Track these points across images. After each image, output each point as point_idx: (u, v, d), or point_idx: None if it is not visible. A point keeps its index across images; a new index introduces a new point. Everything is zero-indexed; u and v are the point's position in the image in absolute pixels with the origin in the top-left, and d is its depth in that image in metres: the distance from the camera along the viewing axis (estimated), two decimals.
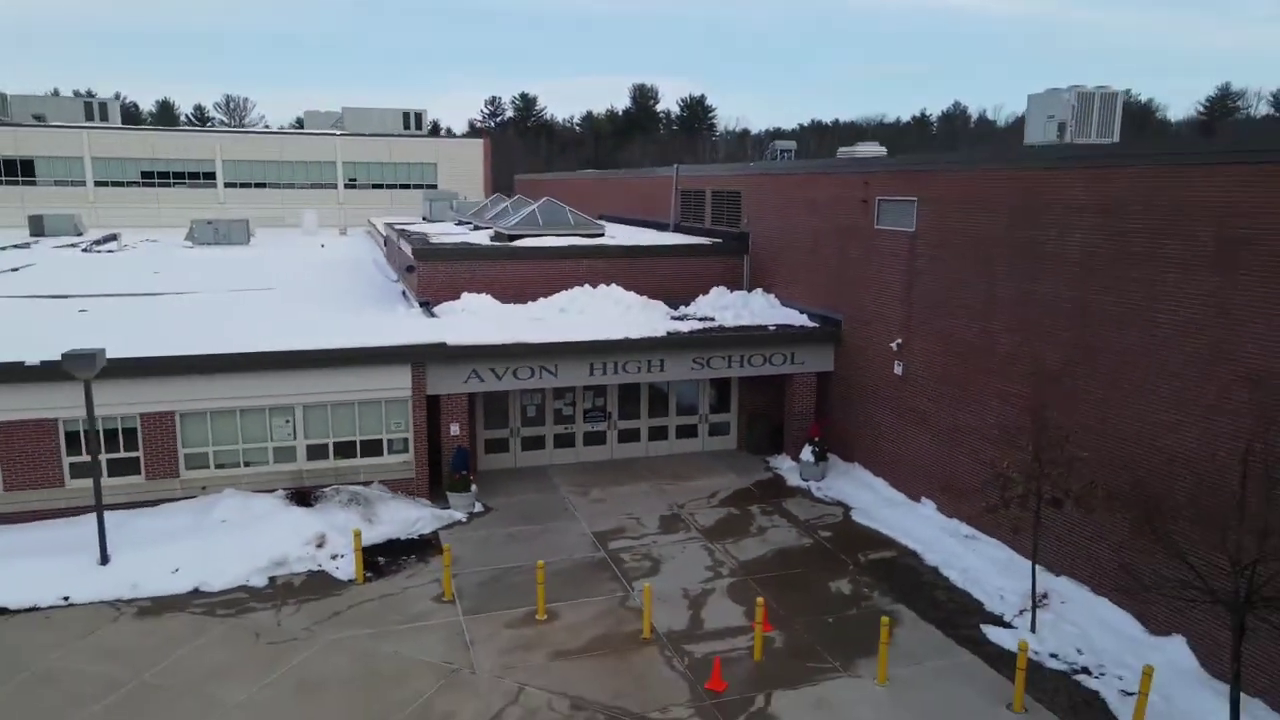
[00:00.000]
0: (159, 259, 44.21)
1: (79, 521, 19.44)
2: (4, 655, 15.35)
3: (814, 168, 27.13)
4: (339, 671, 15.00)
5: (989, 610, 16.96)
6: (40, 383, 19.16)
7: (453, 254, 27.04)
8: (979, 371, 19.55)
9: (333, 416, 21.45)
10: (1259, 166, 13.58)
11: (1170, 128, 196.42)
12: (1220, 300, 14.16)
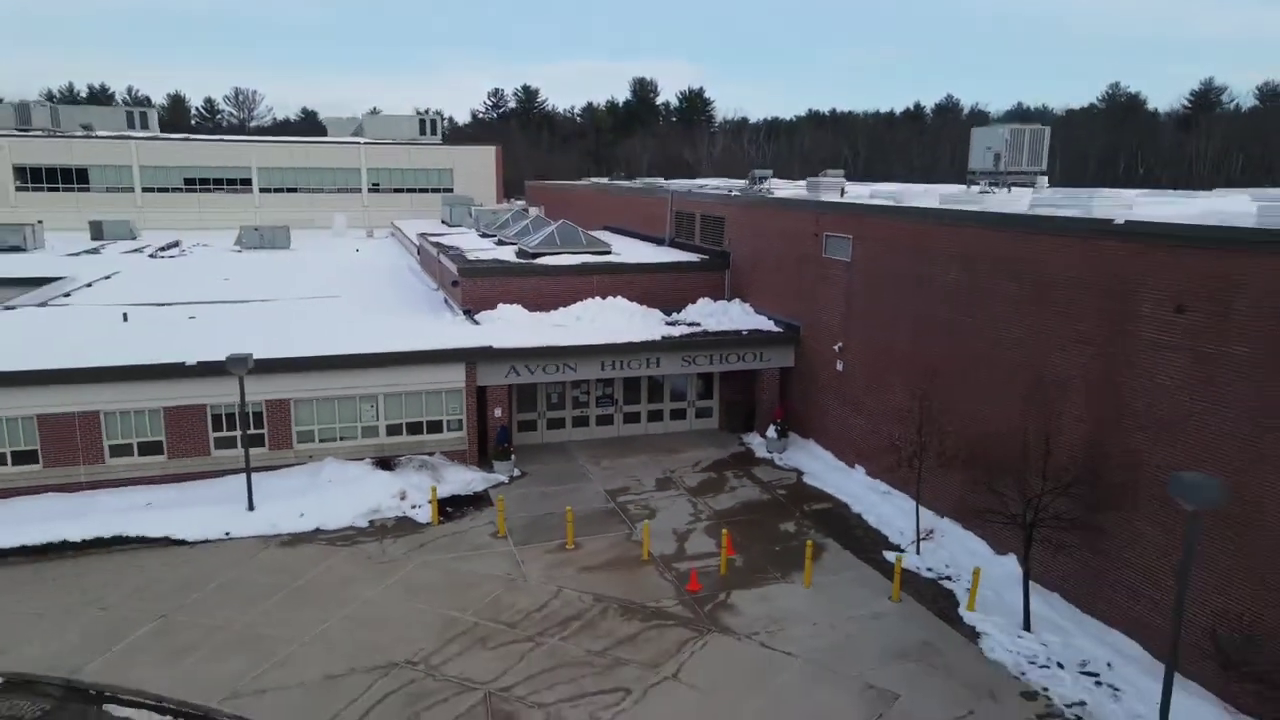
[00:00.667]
0: (221, 264, 50.60)
1: (222, 481, 26.09)
2: (196, 570, 22.00)
3: (781, 204, 33.55)
4: (432, 580, 21.64)
5: (891, 542, 23.60)
6: (194, 378, 25.73)
7: (489, 271, 33.55)
8: (889, 369, 26.10)
9: (406, 403, 28.02)
10: (1057, 236, 20.04)
11: (1159, 118, 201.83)
12: (1027, 327, 20.63)
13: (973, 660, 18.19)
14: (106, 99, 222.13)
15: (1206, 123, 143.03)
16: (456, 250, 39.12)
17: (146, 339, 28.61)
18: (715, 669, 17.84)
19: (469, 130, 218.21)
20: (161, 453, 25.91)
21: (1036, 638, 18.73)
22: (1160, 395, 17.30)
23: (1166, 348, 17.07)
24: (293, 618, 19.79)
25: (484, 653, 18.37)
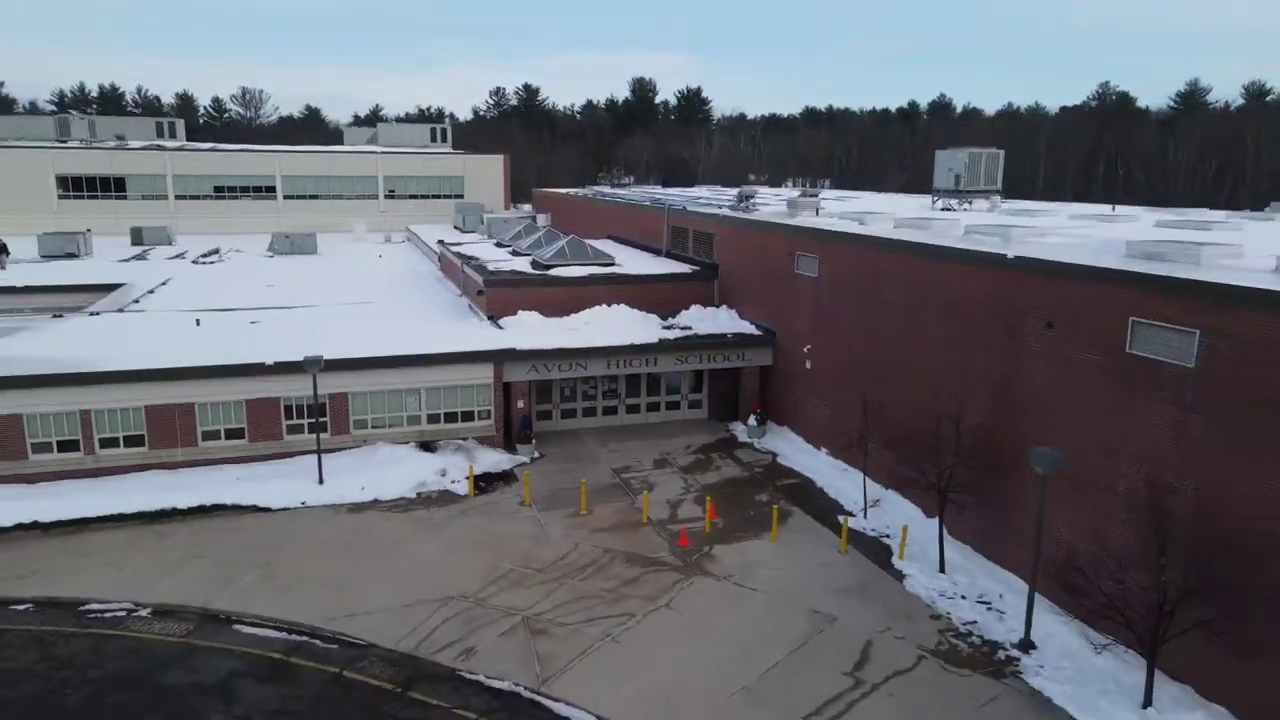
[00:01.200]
0: (260, 271, 55.81)
1: (294, 460, 31.41)
2: (283, 531, 27.35)
3: (761, 226, 38.79)
4: (473, 538, 26.99)
5: (845, 509, 28.96)
6: (270, 375, 31.06)
7: (509, 282, 38.86)
8: (847, 368, 31.42)
9: (443, 396, 33.37)
10: (967, 265, 25.33)
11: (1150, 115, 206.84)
12: (946, 336, 25.93)
13: (897, 594, 23.59)
14: (116, 98, 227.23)
15: (1186, 125, 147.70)
16: (478, 261, 44.38)
17: (221, 341, 33.95)
18: (698, 601, 23.23)
19: (471, 127, 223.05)
20: (243, 437, 31.28)
21: (949, 578, 24.11)
22: (1036, 390, 22.65)
23: (1040, 354, 22.41)
24: (365, 566, 25.15)
25: (519, 590, 23.75)
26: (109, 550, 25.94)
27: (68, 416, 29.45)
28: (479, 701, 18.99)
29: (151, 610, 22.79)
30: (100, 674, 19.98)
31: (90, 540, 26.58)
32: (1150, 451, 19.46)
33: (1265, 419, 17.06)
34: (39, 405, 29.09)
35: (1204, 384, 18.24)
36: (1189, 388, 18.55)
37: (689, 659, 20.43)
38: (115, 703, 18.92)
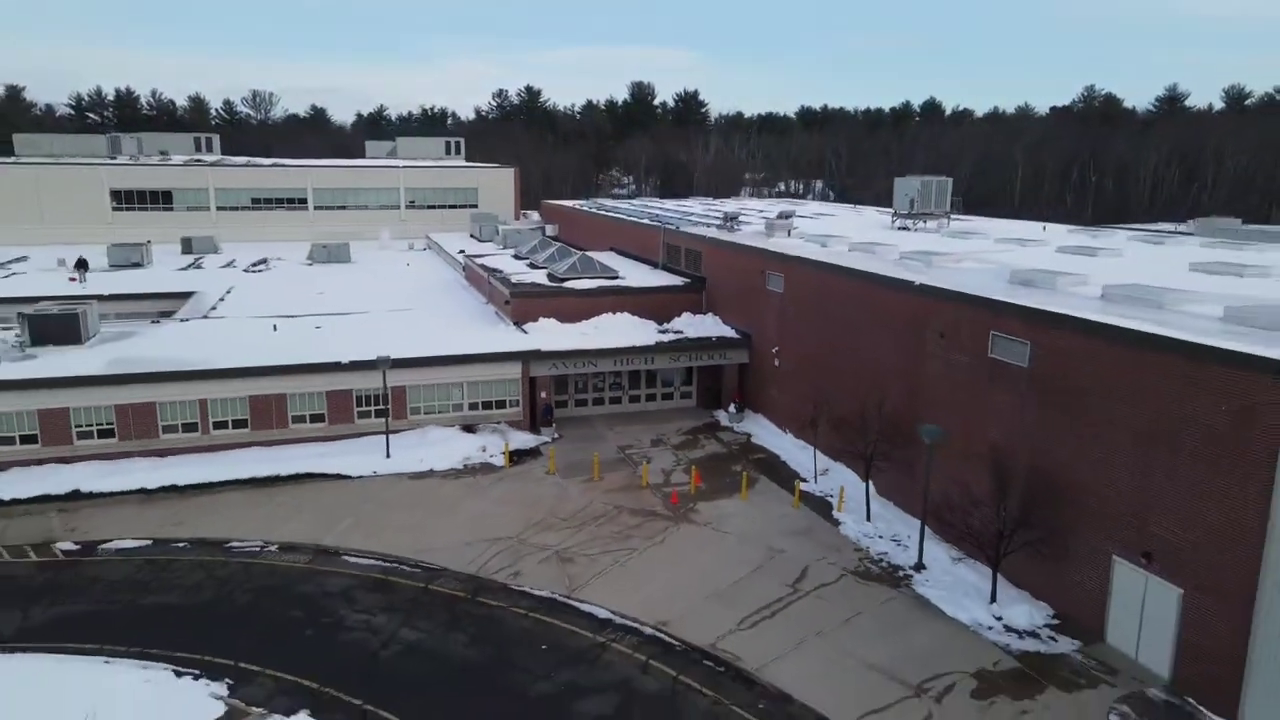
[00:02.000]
0: (306, 278, 63.46)
1: (363, 440, 39.27)
2: (363, 492, 35.26)
3: (739, 248, 46.60)
4: (511, 497, 34.91)
5: (801, 476, 36.88)
6: (345, 371, 38.95)
7: (532, 293, 46.73)
8: (806, 365, 39.32)
9: (481, 388, 41.26)
10: (888, 289, 33.20)
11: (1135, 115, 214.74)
12: (874, 342, 33.81)
13: (832, 535, 31.55)
14: (132, 101, 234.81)
15: (1159, 131, 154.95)
16: (503, 274, 52.21)
17: (297, 344, 41.80)
18: (684, 540, 31.18)
19: (475, 127, 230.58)
20: (324, 421, 39.20)
21: (872, 524, 32.06)
22: (932, 383, 30.57)
23: (935, 357, 30.33)
24: (431, 517, 33.08)
25: (550, 533, 31.69)
26: (233, 506, 33.89)
27: (190, 404, 37.36)
28: (526, 603, 26.91)
29: (278, 546, 30.73)
30: (252, 586, 27.92)
31: (216, 499, 34.52)
32: (1000, 425, 27.40)
33: (1071, 403, 24.96)
34: (168, 396, 36.99)
35: (1034, 379, 26.17)
36: (1024, 381, 26.48)
37: (676, 577, 28.38)
38: (268, 604, 26.84)
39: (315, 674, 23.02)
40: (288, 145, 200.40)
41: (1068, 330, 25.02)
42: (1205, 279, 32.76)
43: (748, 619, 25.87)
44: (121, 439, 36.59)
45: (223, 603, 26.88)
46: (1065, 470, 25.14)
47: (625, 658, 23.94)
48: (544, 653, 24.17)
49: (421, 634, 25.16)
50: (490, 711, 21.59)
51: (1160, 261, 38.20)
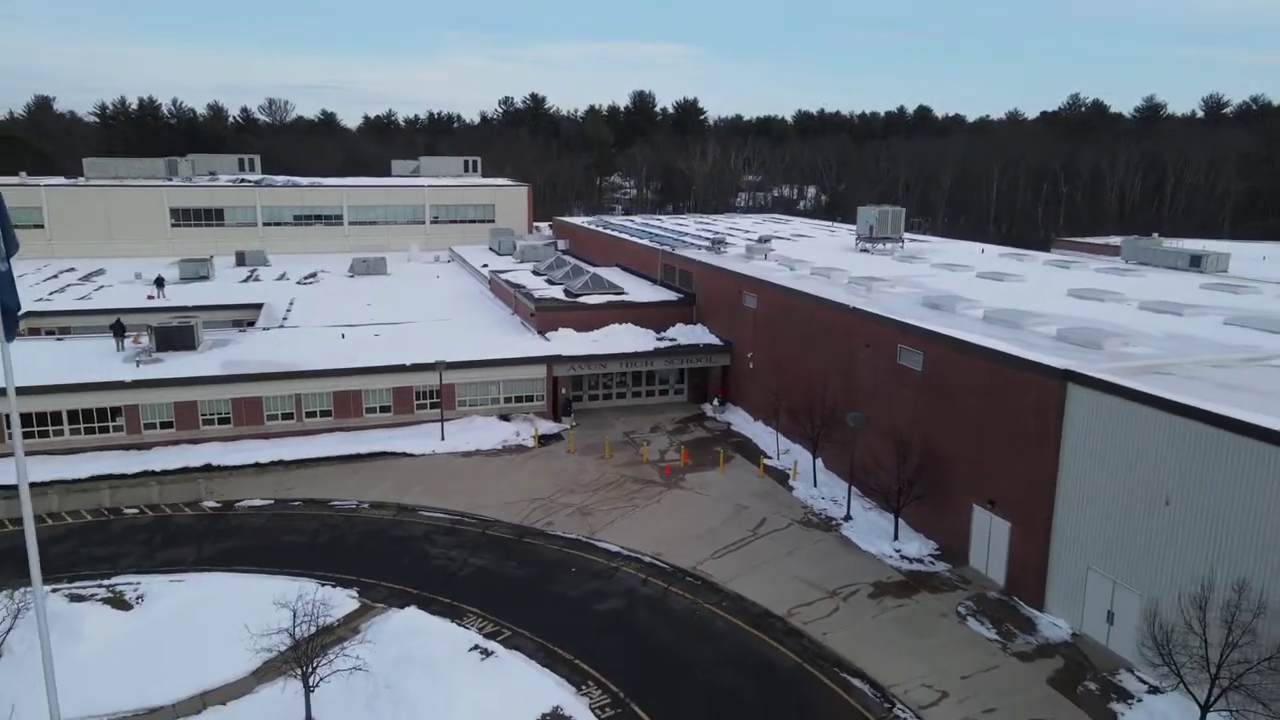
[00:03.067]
0: (353, 290, 73.41)
1: (421, 426, 49.48)
2: (425, 467, 45.48)
3: (722, 271, 56.66)
4: (542, 469, 45.13)
5: (766, 454, 47.06)
6: (407, 372, 49.15)
7: (552, 307, 56.86)
8: (773, 367, 49.46)
9: (514, 385, 51.45)
10: (828, 309, 43.33)
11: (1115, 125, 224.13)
12: (821, 350, 43.93)
13: (787, 497, 41.73)
14: (154, 109, 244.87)
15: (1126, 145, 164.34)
16: (526, 290, 62.31)
17: (363, 349, 51.89)
18: (675, 500, 41.36)
19: (480, 133, 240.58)
20: (390, 411, 49.40)
21: (818, 489, 42.21)
22: (861, 380, 40.72)
23: (862, 362, 40.49)
24: (481, 484, 43.26)
25: (573, 495, 41.86)
26: (328, 476, 44.10)
27: (288, 398, 47.58)
28: (558, 543, 37.06)
29: (369, 504, 40.94)
30: (356, 531, 38.13)
31: (314, 471, 44.72)
32: (902, 413, 37.56)
33: (948, 397, 35.08)
34: (272, 392, 47.22)
35: (925, 380, 36.33)
36: (919, 381, 36.65)
37: (668, 525, 38.57)
38: (372, 542, 37.02)
39: (415, 585, 33.17)
40: (304, 151, 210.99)
41: (944, 345, 35.19)
42: (1073, 303, 42.94)
43: (718, 551, 36.07)
44: (236, 425, 46.82)
45: (338, 541, 37.11)
46: (943, 445, 35.28)
47: (630, 576, 34.14)
48: (573, 573, 34.37)
49: (485, 561, 35.37)
50: (538, 608, 31.75)
51: (1049, 287, 48.31)
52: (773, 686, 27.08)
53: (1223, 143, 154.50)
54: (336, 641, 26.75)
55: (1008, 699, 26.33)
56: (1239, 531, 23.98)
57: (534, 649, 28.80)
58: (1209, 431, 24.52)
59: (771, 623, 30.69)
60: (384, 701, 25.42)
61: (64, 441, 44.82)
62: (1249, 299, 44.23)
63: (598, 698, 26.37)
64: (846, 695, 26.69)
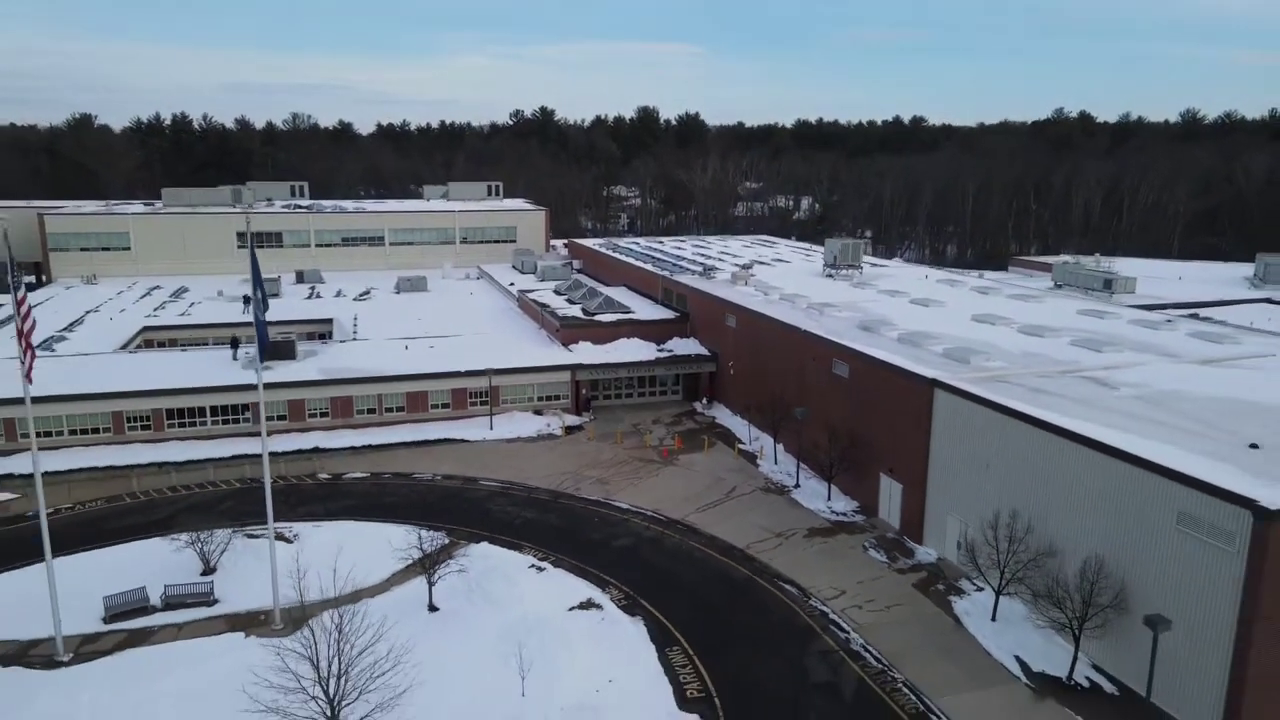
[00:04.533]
0: (402, 306, 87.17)
1: (472, 419, 63.48)
2: (477, 450, 59.49)
3: (708, 296, 70.46)
4: (569, 452, 59.11)
5: (741, 440, 60.97)
6: (462, 377, 63.14)
7: (573, 324, 70.81)
8: (746, 374, 63.29)
9: (545, 386, 65.41)
10: (786, 330, 57.18)
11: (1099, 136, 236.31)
12: (782, 361, 57.75)
13: (754, 472, 55.60)
14: (186, 124, 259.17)
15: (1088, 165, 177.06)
16: (550, 309, 76.18)
17: (423, 357, 65.80)
18: (670, 474, 55.29)
19: (491, 146, 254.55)
20: (449, 407, 63.38)
21: (778, 466, 56.06)
22: (807, 384, 54.58)
23: (810, 371, 54.37)
24: (523, 462, 57.20)
25: (593, 470, 55.81)
26: (406, 457, 58.03)
27: (372, 397, 61.56)
28: (583, 502, 50.96)
29: (441, 476, 54.92)
30: (435, 495, 52.09)
31: (395, 452, 58.64)
32: (835, 409, 51.41)
33: (865, 397, 48.89)
34: (359, 392, 61.20)
35: (850, 385, 50.19)
36: (846, 386, 50.51)
37: (664, 491, 52.46)
38: (449, 502, 50.96)
39: (484, 529, 47.01)
40: (327, 162, 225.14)
41: (863, 360, 49.04)
42: (972, 325, 56.66)
43: (700, 508, 49.96)
44: (333, 418, 60.82)
45: (423, 501, 51.06)
46: (863, 433, 49.08)
47: (637, 524, 48.02)
48: (596, 522, 48.26)
49: (531, 514, 49.29)
50: (572, 543, 45.57)
51: (960, 311, 61.95)
52: (731, 590, 40.98)
53: (1187, 161, 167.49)
54: (444, 559, 40.65)
55: (882, 595, 40.23)
56: (1018, 481, 37.78)
57: (571, 567, 42.71)
58: (1004, 419, 38.35)
59: (734, 552, 44.58)
60: (476, 594, 39.34)
61: (207, 430, 58.87)
62: (1106, 323, 57.82)
63: (615, 595, 40.26)
64: (780, 594, 40.57)
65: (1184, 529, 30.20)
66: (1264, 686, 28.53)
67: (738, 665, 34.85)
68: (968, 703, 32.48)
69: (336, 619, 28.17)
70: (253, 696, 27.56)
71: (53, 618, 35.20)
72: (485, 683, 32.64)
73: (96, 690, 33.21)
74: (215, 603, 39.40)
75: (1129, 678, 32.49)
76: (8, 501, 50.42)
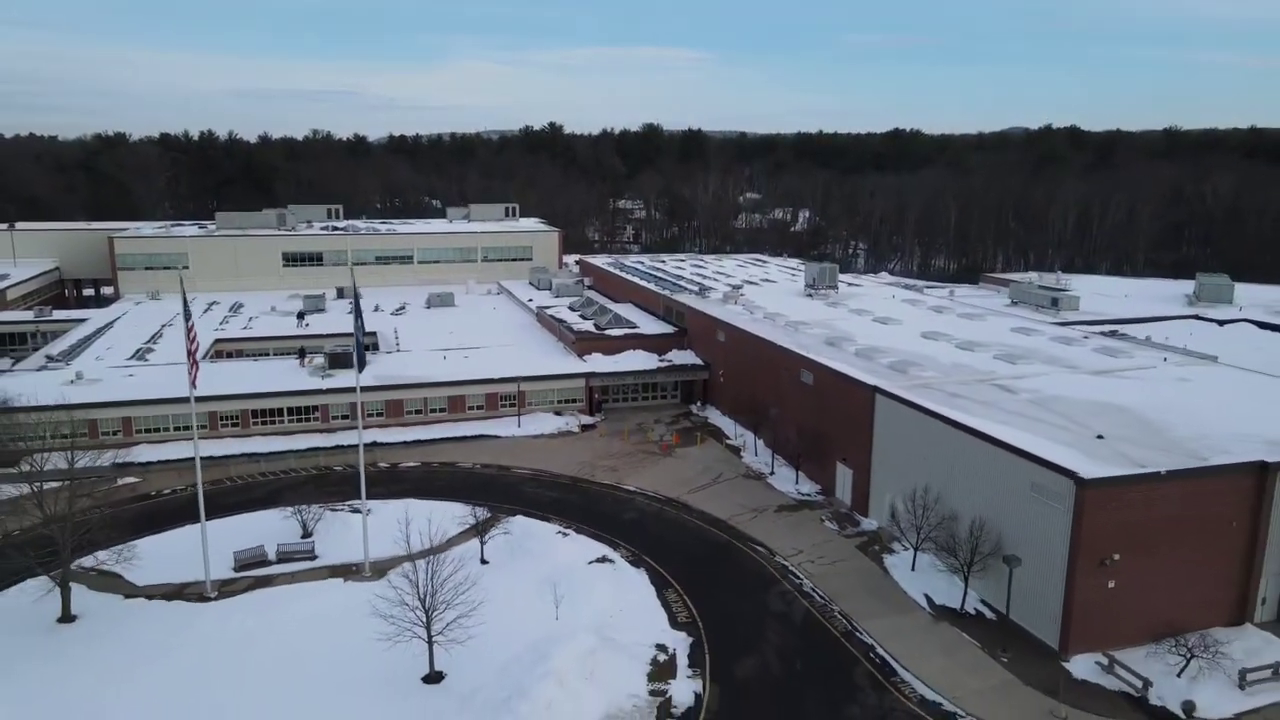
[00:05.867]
0: (432, 321, 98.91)
1: (502, 419, 75.34)
2: (507, 445, 71.36)
3: (702, 314, 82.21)
4: (585, 447, 70.97)
5: (730, 437, 72.71)
6: (495, 383, 75.02)
7: (587, 338, 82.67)
8: (733, 382, 75.00)
9: (564, 391, 77.24)
10: (763, 343, 68.95)
11: (1093, 141, 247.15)
12: (761, 370, 69.45)
13: (738, 462, 67.35)
14: (212, 139, 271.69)
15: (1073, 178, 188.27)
16: (566, 324, 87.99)
17: (460, 365, 77.66)
18: (668, 464, 67.08)
19: (504, 159, 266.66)
20: (483, 409, 75.27)
21: (758, 457, 67.73)
22: (781, 390, 66.29)
23: (782, 379, 66.10)
24: (547, 455, 69.04)
25: (605, 460, 67.64)
26: (449, 450, 69.87)
27: (419, 400, 73.43)
28: (599, 486, 62.76)
29: (479, 465, 66.79)
30: (475, 480, 63.96)
31: (439, 446, 70.51)
32: (803, 411, 63.10)
33: (824, 401, 60.57)
34: (409, 395, 73.09)
35: (815, 390, 61.92)
36: (811, 391, 62.25)
37: (664, 476, 64.22)
38: (489, 485, 62.77)
39: (519, 506, 58.66)
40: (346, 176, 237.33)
41: (824, 370, 60.78)
42: (919, 341, 68.30)
43: (693, 490, 61.73)
44: (387, 417, 72.72)
45: (466, 485, 62.85)
46: (824, 429, 60.73)
47: (641, 502, 59.79)
48: (608, 501, 60.05)
49: (556, 495, 61.07)
50: (590, 516, 57.28)
51: (913, 328, 73.56)
52: (714, 550, 52.72)
53: (1156, 180, 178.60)
54: (491, 526, 52.38)
55: (831, 554, 51.94)
56: (931, 465, 49.40)
57: (589, 533, 54.44)
58: (924, 417, 50.03)
59: (718, 523, 56.31)
60: (519, 550, 51.13)
61: (283, 427, 70.82)
62: (1031, 339, 69.36)
63: (624, 553, 51.98)
64: (752, 553, 52.27)
65: (1035, 494, 41.88)
66: (1084, 603, 40.15)
67: (716, 601, 46.59)
68: (884, 625, 44.16)
69: (427, 561, 39.85)
70: (375, 609, 39.31)
71: (204, 565, 47.12)
72: (530, 609, 44.42)
73: (241, 616, 45.11)
74: (316, 558, 51.23)
75: (1000, 605, 44.12)
76: (134, 484, 62.37)
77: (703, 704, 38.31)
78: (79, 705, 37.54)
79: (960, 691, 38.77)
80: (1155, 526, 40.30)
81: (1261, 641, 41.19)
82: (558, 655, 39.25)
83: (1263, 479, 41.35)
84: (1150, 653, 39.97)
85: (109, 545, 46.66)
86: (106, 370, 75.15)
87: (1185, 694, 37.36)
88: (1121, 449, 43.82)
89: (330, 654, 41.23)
